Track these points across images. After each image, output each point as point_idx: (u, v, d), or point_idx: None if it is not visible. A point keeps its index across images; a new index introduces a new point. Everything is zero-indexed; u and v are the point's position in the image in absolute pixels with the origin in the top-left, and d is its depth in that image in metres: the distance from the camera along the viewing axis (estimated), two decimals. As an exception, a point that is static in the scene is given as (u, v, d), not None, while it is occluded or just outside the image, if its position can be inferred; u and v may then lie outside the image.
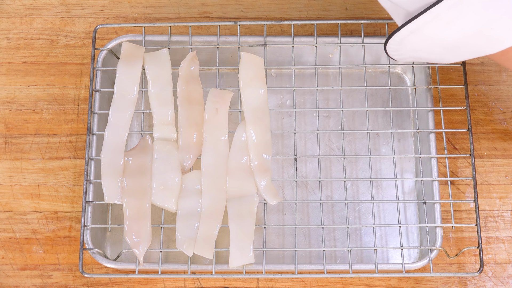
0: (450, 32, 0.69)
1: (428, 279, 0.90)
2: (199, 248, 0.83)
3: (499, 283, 0.90)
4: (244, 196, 0.85)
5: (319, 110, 0.91)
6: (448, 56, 0.75)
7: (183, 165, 0.86)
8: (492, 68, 0.99)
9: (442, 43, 0.71)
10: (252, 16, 1.02)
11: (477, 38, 0.69)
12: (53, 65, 0.99)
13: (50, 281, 0.90)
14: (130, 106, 0.88)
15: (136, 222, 0.84)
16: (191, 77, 0.89)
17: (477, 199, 0.86)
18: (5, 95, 0.98)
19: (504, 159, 0.95)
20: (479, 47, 0.71)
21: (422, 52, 0.75)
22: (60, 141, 0.96)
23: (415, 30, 0.71)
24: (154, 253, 0.90)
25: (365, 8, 1.02)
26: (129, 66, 0.89)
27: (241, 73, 0.89)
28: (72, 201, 0.93)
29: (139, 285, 0.90)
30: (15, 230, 0.92)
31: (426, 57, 0.76)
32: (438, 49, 0.73)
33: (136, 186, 0.85)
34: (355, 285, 0.90)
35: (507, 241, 0.92)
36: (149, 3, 1.03)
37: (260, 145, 0.87)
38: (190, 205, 0.85)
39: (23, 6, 1.02)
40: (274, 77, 1.00)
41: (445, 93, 0.97)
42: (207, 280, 0.90)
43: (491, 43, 0.70)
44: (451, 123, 0.96)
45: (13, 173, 0.94)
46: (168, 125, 0.87)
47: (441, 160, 0.93)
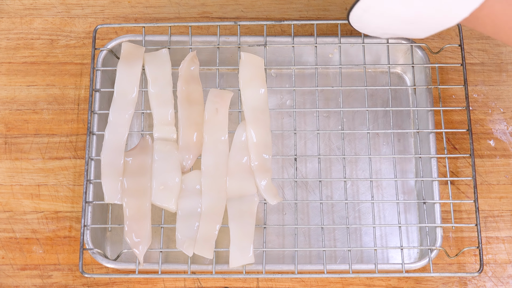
0: (402, 9, 0.68)
1: (428, 279, 0.90)
2: (199, 248, 0.83)
3: (499, 283, 0.90)
4: (244, 196, 0.85)
5: (319, 110, 0.91)
6: (413, 32, 0.73)
7: (183, 165, 0.86)
8: (492, 68, 0.99)
9: (399, 19, 0.70)
10: (252, 16, 1.02)
11: (429, 12, 0.68)
12: (53, 65, 0.99)
13: (50, 281, 0.90)
14: (130, 106, 0.88)
15: (136, 222, 0.84)
16: (191, 77, 0.89)
17: (477, 199, 0.86)
18: (5, 95, 0.98)
19: (504, 159, 0.95)
20: (438, 19, 0.69)
21: (384, 29, 0.73)
22: (60, 141, 0.96)
23: (367, 9, 0.69)
24: (154, 253, 0.90)
25: (365, 8, 1.02)
26: (129, 66, 0.89)
27: (241, 73, 0.89)
28: (72, 201, 0.93)
29: (139, 285, 0.90)
30: (15, 230, 0.92)
31: (392, 33, 0.74)
32: (398, 25, 0.71)
33: (136, 186, 0.85)
34: (355, 285, 0.90)
35: (507, 241, 0.92)
36: (149, 3, 1.03)
37: (260, 145, 0.87)
38: (190, 205, 0.85)
39: (23, 6, 1.02)
40: (274, 77, 1.00)
41: (445, 93, 0.97)
42: (207, 280, 0.90)
43: (445, 15, 0.67)
44: (451, 123, 0.96)
45: (13, 173, 0.94)
46: (168, 125, 0.87)
47: (441, 160, 0.94)
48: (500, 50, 1.00)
